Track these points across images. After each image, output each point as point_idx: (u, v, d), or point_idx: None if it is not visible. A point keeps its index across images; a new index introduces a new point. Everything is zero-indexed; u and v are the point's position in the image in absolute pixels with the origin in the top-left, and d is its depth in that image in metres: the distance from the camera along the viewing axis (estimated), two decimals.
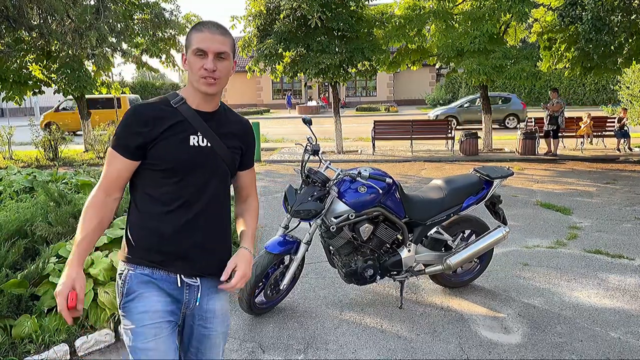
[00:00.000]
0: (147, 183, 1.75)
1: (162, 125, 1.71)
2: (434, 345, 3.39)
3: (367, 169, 3.52)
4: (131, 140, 1.69)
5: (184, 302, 1.80)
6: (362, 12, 12.34)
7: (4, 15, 10.35)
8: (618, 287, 4.28)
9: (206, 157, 1.77)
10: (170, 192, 1.73)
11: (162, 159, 1.71)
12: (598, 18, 10.00)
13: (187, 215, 1.75)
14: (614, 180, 9.15)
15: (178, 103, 1.76)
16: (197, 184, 1.76)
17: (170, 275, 1.76)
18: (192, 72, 1.73)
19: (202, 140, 1.76)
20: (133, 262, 1.76)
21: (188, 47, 1.74)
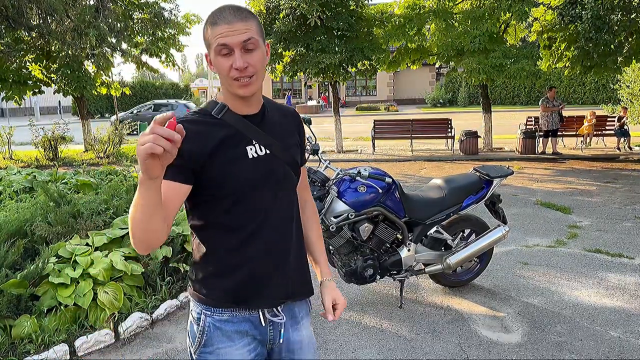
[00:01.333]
0: (209, 213, 1.48)
1: (212, 141, 1.42)
2: (433, 344, 3.39)
3: (366, 169, 3.52)
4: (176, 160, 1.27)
5: (269, 339, 1.60)
6: (362, 12, 12.34)
7: (4, 15, 10.35)
8: (618, 286, 4.28)
9: (270, 168, 1.50)
10: (239, 217, 1.47)
11: (220, 182, 1.43)
12: (598, 17, 10.00)
13: (262, 239, 1.50)
14: (614, 179, 9.15)
15: (221, 112, 1.47)
16: (266, 201, 1.50)
17: (252, 314, 1.54)
18: (222, 75, 1.42)
19: (260, 149, 1.49)
20: (208, 305, 1.52)
21: (208, 46, 1.44)
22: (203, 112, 1.49)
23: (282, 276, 1.57)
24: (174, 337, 3.54)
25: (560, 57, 12.24)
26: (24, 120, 16.50)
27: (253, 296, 1.53)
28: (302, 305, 1.70)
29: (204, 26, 1.45)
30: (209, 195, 1.45)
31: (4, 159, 12.98)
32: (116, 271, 3.74)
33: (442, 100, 34.55)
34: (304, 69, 12.19)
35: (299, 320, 1.67)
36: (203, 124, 1.45)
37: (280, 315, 1.59)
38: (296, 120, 1.67)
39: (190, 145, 1.37)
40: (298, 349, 1.66)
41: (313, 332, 1.75)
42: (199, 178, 1.42)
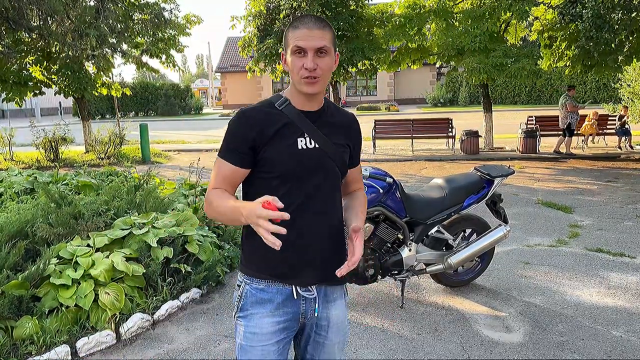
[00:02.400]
0: (259, 191, 1.64)
1: (270, 129, 1.65)
2: (435, 344, 3.39)
3: (367, 168, 3.52)
4: (241, 146, 1.64)
5: (301, 312, 1.75)
6: (362, 12, 12.36)
7: (4, 17, 10.35)
8: (619, 285, 4.28)
9: (316, 160, 1.69)
10: (284, 198, 1.57)
11: (272, 164, 1.65)
12: (598, 16, 9.99)
13: (302, 222, 1.67)
14: (615, 178, 9.14)
15: (283, 105, 1.69)
16: (309, 188, 1.69)
17: (286, 287, 1.71)
18: (293, 73, 1.64)
19: (310, 142, 1.69)
20: (249, 275, 1.73)
21: (286, 46, 1.66)
22: (268, 103, 1.72)
23: (318, 260, 1.72)
24: (175, 338, 3.54)
25: (561, 56, 12.24)
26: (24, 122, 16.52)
27: (287, 273, 1.70)
28: (337, 288, 1.83)
29: (286, 29, 1.68)
30: (260, 175, 1.68)
31: (5, 160, 12.98)
32: (117, 272, 3.74)
33: (442, 100, 34.53)
34: None
35: (331, 299, 1.81)
36: (265, 113, 1.67)
37: (312, 291, 1.74)
38: (351, 125, 1.85)
39: (252, 133, 1.63)
40: (326, 326, 1.80)
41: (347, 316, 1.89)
42: (256, 158, 1.66)
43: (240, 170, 1.67)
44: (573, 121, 11.83)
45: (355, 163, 1.90)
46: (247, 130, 1.64)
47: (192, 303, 4.09)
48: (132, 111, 36.66)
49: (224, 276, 4.51)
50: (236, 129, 1.66)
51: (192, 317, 3.86)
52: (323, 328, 1.81)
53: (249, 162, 1.66)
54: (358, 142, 1.89)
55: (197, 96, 41.74)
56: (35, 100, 32.72)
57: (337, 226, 1.79)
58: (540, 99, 33.11)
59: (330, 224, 1.76)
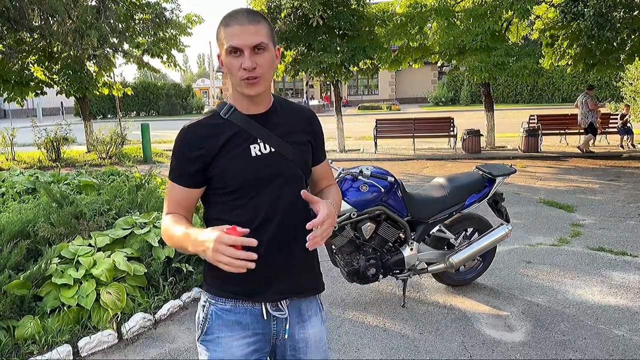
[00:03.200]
0: (217, 209, 1.58)
1: (217, 142, 1.52)
2: (437, 344, 3.38)
3: (369, 168, 3.52)
4: (188, 167, 1.53)
5: (273, 333, 1.62)
6: (364, 11, 12.34)
7: (5, 17, 10.37)
8: (622, 284, 4.27)
9: (274, 165, 1.56)
10: (245, 213, 1.53)
11: (226, 179, 1.53)
12: (600, 14, 9.97)
13: (267, 234, 1.54)
14: (617, 177, 9.12)
15: (228, 112, 1.55)
16: (271, 197, 1.55)
17: (255, 306, 1.58)
18: (232, 75, 1.50)
19: (265, 147, 1.56)
20: (213, 294, 1.60)
21: (221, 46, 1.51)
22: (212, 114, 1.58)
23: (287, 272, 1.60)
24: (177, 337, 3.54)
25: (563, 54, 12.22)
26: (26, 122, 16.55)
27: (256, 290, 1.57)
28: (311, 303, 1.70)
29: (218, 27, 1.52)
30: (216, 192, 1.56)
31: (7, 160, 13.00)
32: (119, 272, 3.74)
33: (444, 99, 34.50)
34: (305, 69, 12.19)
35: (306, 318, 1.67)
36: (211, 126, 1.55)
37: (284, 310, 1.62)
38: (310, 120, 1.71)
39: (197, 152, 1.52)
40: (303, 347, 1.66)
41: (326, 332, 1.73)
42: (208, 176, 1.54)
43: (192, 192, 1.56)
44: (594, 120, 11.77)
45: (319, 159, 1.75)
46: (191, 149, 1.52)
47: (193, 302, 4.09)
48: (134, 111, 36.70)
49: None
50: (180, 149, 1.55)
51: (193, 317, 3.85)
52: (301, 350, 1.66)
53: (200, 182, 1.55)
54: (319, 136, 1.73)
55: (198, 96, 41.75)
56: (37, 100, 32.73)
57: (304, 235, 1.57)
58: (542, 98, 33.07)
59: (296, 231, 1.59)
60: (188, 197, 1.57)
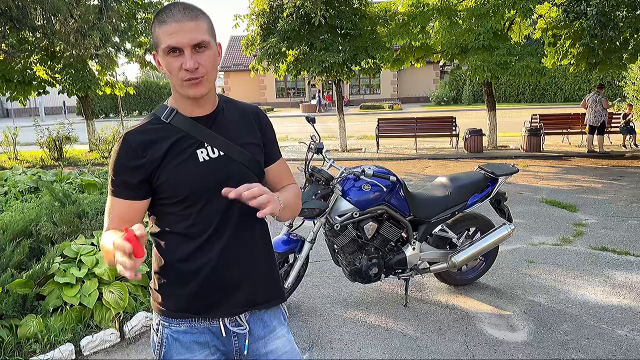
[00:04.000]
0: (165, 220, 1.47)
1: (160, 148, 1.40)
2: (439, 343, 3.38)
3: (371, 167, 3.51)
4: (130, 178, 1.40)
5: (235, 351, 1.54)
6: (366, 10, 12.32)
7: (8, 16, 10.38)
8: (624, 284, 4.26)
9: (224, 170, 1.46)
10: (195, 223, 1.44)
11: (172, 188, 1.41)
12: (603, 13, 9.95)
13: (220, 244, 1.46)
14: (620, 176, 9.10)
15: (170, 116, 1.44)
16: (223, 205, 1.45)
17: (212, 324, 1.50)
18: (172, 76, 1.38)
19: (213, 151, 1.46)
20: (166, 315, 1.49)
21: (157, 46, 1.39)
22: (152, 118, 1.46)
23: (244, 284, 1.51)
24: None
25: (565, 54, 12.19)
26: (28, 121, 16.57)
27: (211, 305, 1.48)
28: (274, 314, 1.61)
29: (152, 24, 1.40)
30: (163, 202, 1.44)
31: (10, 159, 13.03)
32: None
33: (446, 98, 34.46)
34: (307, 68, 12.18)
35: (271, 330, 1.58)
36: (152, 132, 1.43)
37: (244, 325, 1.53)
38: (258, 118, 1.61)
39: (139, 160, 1.39)
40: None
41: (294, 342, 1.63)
42: (152, 186, 1.42)
43: (136, 204, 1.42)
44: (606, 119, 11.71)
45: (273, 158, 1.65)
46: (132, 158, 1.39)
47: None
48: (136, 110, 36.73)
49: None
50: (119, 159, 1.41)
51: None
52: None
53: (144, 193, 1.42)
54: (268, 132, 1.64)
55: None
56: (39, 99, 32.84)
57: (260, 241, 1.56)
58: (544, 97, 33.01)
59: (252, 240, 1.53)
60: (131, 210, 1.42)
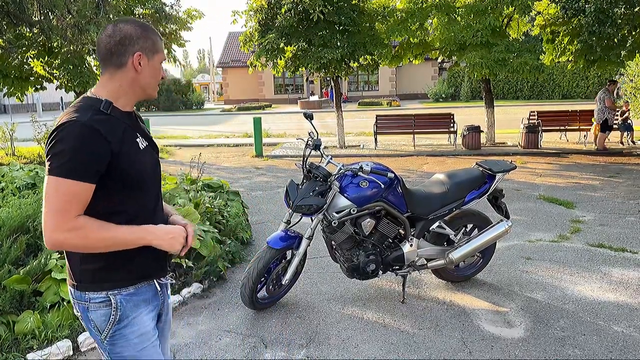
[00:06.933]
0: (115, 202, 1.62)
1: (116, 135, 1.58)
2: (436, 339, 3.39)
3: (368, 164, 3.51)
4: (99, 163, 1.53)
5: (161, 302, 1.84)
6: (364, 6, 12.29)
7: (5, 11, 10.33)
8: (621, 280, 4.27)
9: (153, 158, 1.76)
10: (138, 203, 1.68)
11: (127, 172, 1.60)
12: (601, 10, 9.94)
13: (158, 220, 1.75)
14: (617, 173, 9.12)
15: (109, 109, 1.62)
16: (157, 186, 1.77)
17: (150, 284, 1.76)
18: (152, 78, 1.70)
19: (144, 142, 1.72)
20: (113, 287, 1.67)
21: (154, 52, 1.68)
22: (95, 110, 1.59)
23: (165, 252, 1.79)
24: (177, 333, 3.55)
25: (564, 51, 12.18)
26: (26, 117, 16.52)
27: (154, 270, 1.77)
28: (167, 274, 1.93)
29: (150, 34, 1.68)
30: (114, 185, 1.60)
31: (7, 155, 12.99)
32: None
33: (444, 95, 34.46)
34: (305, 64, 12.16)
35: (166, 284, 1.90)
36: (106, 121, 1.58)
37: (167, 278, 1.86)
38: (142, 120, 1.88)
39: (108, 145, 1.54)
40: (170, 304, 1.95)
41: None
42: (110, 171, 1.57)
43: (92, 188, 1.55)
44: (610, 117, 11.64)
45: None
46: (100, 144, 1.53)
47: (193, 298, 4.09)
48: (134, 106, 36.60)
49: (225, 271, 4.51)
50: (87, 145, 1.51)
51: (193, 312, 3.87)
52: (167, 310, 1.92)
53: (99, 177, 1.56)
54: None
55: (198, 91, 41.70)
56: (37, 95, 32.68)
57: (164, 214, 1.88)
58: (542, 94, 33.03)
59: (164, 212, 1.87)
60: (90, 195, 1.56)
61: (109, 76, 1.65)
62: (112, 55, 1.63)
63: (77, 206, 1.53)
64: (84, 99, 1.63)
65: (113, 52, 1.63)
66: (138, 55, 1.65)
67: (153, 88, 1.72)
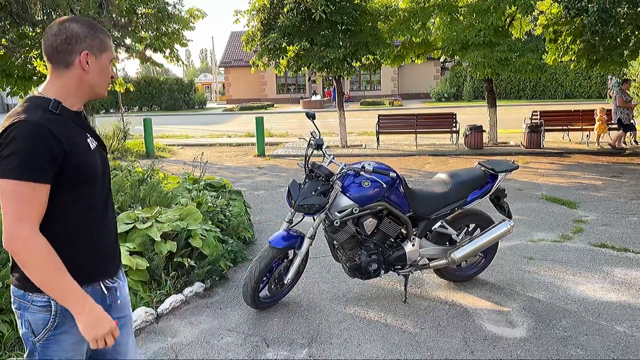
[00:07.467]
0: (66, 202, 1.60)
1: (68, 135, 1.57)
2: (438, 339, 3.39)
3: (371, 163, 3.51)
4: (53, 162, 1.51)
5: (109, 305, 1.77)
6: (366, 6, 12.29)
7: (8, 11, 10.36)
8: (623, 281, 4.26)
9: (102, 158, 1.74)
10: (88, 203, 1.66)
11: (78, 171, 1.59)
12: (604, 10, 9.91)
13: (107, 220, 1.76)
14: (620, 173, 9.10)
15: (58, 108, 1.60)
16: (107, 186, 1.76)
17: (95, 288, 1.71)
18: (101, 77, 1.69)
19: (93, 142, 1.70)
20: None
21: (102, 50, 1.67)
22: (44, 109, 1.57)
23: (115, 251, 1.84)
24: (179, 332, 3.56)
25: (566, 50, 12.14)
26: None
27: (100, 272, 1.74)
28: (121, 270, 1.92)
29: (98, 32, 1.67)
30: (70, 185, 1.59)
31: None
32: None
33: (446, 94, 34.42)
34: (308, 64, 12.16)
35: (123, 280, 1.91)
36: (57, 121, 1.56)
37: (117, 280, 1.83)
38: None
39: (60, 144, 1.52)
40: (122, 306, 1.88)
41: None
42: (62, 171, 1.55)
43: (48, 188, 1.53)
44: (624, 116, 11.60)
45: None
46: (54, 144, 1.51)
47: (195, 297, 4.10)
48: (136, 106, 36.68)
49: (228, 270, 4.52)
50: (41, 145, 1.49)
51: (195, 311, 3.88)
52: (123, 309, 1.88)
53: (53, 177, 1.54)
54: None
55: (200, 91, 41.70)
56: None
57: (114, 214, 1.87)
58: (545, 94, 32.96)
59: (114, 213, 1.86)
60: (47, 194, 1.54)
61: (56, 75, 1.64)
62: (59, 54, 1.61)
63: (38, 210, 1.51)
64: (32, 99, 1.61)
65: (59, 51, 1.61)
66: (85, 54, 1.63)
67: (102, 87, 1.71)
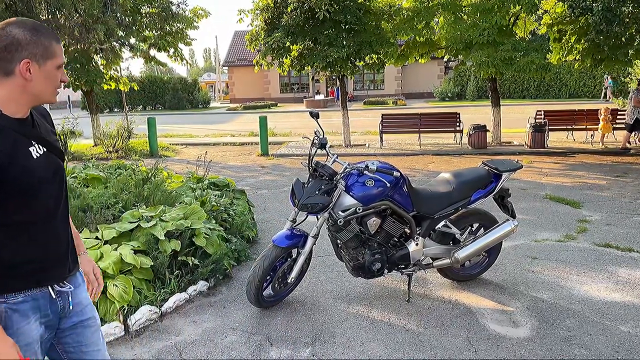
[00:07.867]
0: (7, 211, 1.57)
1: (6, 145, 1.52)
2: (441, 338, 3.39)
3: (374, 163, 3.51)
4: None
5: (60, 309, 1.76)
6: (370, 5, 12.27)
7: (13, 10, 10.40)
8: (628, 280, 4.25)
9: (51, 165, 1.68)
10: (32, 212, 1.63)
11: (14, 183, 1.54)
12: (608, 9, 9.88)
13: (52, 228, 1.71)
14: (624, 173, 9.07)
15: None
16: (54, 195, 1.70)
17: (43, 290, 1.69)
18: (48, 84, 1.62)
19: (40, 149, 1.64)
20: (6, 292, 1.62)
21: (46, 57, 1.59)
22: None
23: (66, 257, 1.78)
24: (183, 330, 3.57)
25: (571, 50, 12.12)
26: None
27: (46, 277, 1.71)
28: (78, 275, 1.90)
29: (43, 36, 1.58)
30: (9, 195, 1.55)
31: None
32: (125, 264, 3.76)
33: (450, 94, 34.36)
34: (311, 63, 12.16)
35: (78, 286, 1.87)
36: None
37: (67, 285, 1.79)
38: (50, 119, 1.86)
39: None
40: (82, 310, 1.86)
41: None
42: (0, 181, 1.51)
43: None
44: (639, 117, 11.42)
45: None
46: None
47: (199, 296, 4.11)
48: (140, 105, 36.75)
49: (231, 269, 4.53)
50: None
51: (199, 310, 3.89)
52: (81, 312, 1.85)
53: None
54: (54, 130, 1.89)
55: (204, 90, 41.75)
56: None
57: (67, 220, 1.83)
58: (549, 93, 32.86)
59: (67, 220, 1.81)
60: None
61: None
62: None
63: None
64: None
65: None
66: (26, 62, 1.55)
67: (50, 94, 1.65)
